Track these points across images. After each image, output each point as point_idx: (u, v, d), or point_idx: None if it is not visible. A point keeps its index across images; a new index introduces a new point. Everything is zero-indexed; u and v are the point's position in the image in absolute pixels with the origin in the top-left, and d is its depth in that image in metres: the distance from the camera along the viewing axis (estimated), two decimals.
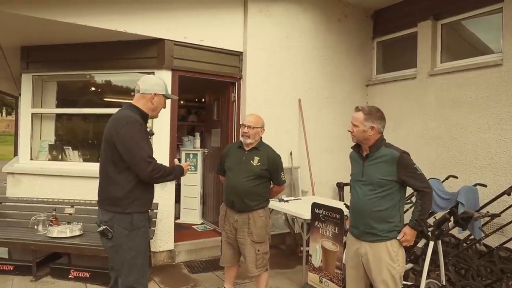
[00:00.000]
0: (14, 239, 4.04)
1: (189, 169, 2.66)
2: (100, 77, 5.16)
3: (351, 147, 2.74)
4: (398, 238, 2.45)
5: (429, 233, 3.42)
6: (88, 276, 3.87)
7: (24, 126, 5.07)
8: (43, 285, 3.77)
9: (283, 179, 3.25)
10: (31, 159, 5.02)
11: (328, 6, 5.74)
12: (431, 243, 3.29)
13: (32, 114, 5.07)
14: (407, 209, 4.33)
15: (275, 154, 3.23)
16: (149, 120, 2.68)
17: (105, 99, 5.24)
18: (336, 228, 3.45)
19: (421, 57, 5.39)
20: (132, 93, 2.59)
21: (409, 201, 4.29)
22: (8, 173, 4.99)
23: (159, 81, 2.55)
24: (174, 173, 2.51)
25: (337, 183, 5.70)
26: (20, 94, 9.00)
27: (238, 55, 5.09)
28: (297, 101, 5.46)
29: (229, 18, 4.97)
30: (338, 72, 5.91)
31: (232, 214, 3.20)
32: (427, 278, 3.41)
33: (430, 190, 2.45)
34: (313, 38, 5.61)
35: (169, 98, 2.64)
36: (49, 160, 5.03)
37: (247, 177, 3.11)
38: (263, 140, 3.33)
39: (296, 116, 5.46)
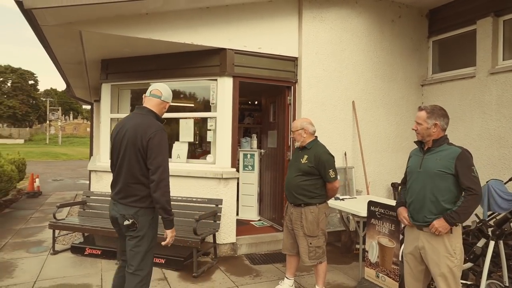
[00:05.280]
0: (99, 227, 4.66)
1: (172, 240, 2.68)
2: (168, 84, 5.65)
3: (415, 142, 2.84)
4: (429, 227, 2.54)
5: (490, 233, 3.44)
6: (163, 262, 4.36)
7: (105, 129, 5.75)
8: None
9: (331, 176, 3.37)
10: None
11: (381, 8, 5.82)
12: (492, 243, 3.31)
13: (111, 118, 5.73)
14: None
15: (322, 151, 3.40)
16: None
17: (173, 104, 5.73)
18: (393, 225, 3.57)
19: (480, 55, 5.27)
20: (144, 95, 2.79)
21: None
22: (91, 170, 5.72)
23: (171, 92, 2.81)
24: (172, 210, 2.57)
25: (392, 183, 5.75)
26: (94, 101, 10.07)
27: (294, 60, 5.36)
28: (351, 103, 5.60)
29: (285, 25, 5.26)
30: (392, 73, 5.95)
31: (290, 207, 3.55)
32: (489, 279, 3.43)
33: (479, 195, 2.46)
34: (366, 40, 5.73)
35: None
36: None
37: (296, 174, 3.44)
38: (320, 140, 3.57)
39: (350, 117, 5.61)
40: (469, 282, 3.61)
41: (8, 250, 5.04)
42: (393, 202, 4.03)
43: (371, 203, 3.86)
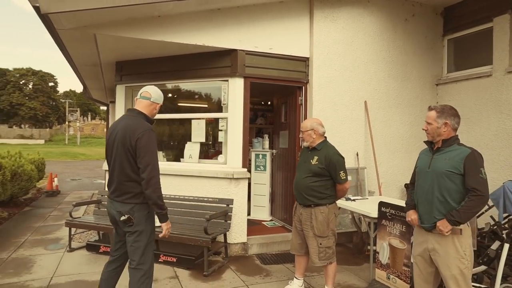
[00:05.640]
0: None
1: (168, 232, 2.82)
2: (181, 85, 5.76)
3: (424, 142, 2.82)
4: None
5: (504, 235, 3.36)
6: (175, 260, 4.43)
7: None
8: None
9: (342, 177, 3.36)
10: None
11: (395, 7, 5.75)
12: (506, 246, 3.24)
13: None
14: (482, 212, 4.23)
15: (332, 153, 3.38)
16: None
17: (185, 105, 5.84)
18: (404, 226, 3.54)
19: (497, 54, 5.15)
20: (135, 98, 2.89)
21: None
22: (106, 170, 5.83)
23: (162, 93, 2.92)
24: (164, 204, 2.67)
25: (405, 184, 5.67)
26: (110, 102, 10.29)
27: (305, 60, 5.35)
28: (363, 103, 5.55)
29: (296, 26, 5.26)
30: (406, 72, 5.87)
31: (299, 207, 3.55)
32: (504, 282, 3.36)
33: (485, 196, 2.40)
34: (379, 40, 5.67)
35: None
36: None
37: (306, 175, 3.42)
38: (330, 141, 3.55)
39: (362, 117, 5.56)
40: (483, 286, 3.54)
41: (27, 246, 5.22)
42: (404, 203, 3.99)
43: (382, 204, 3.83)
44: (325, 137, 3.54)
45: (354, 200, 4.58)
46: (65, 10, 3.64)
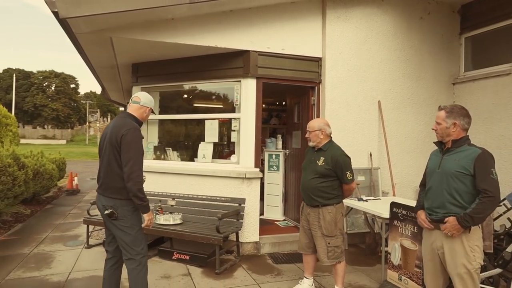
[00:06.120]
0: None
1: (150, 223, 2.98)
2: (194, 86, 5.85)
3: (434, 142, 2.79)
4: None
5: None
6: (188, 258, 4.51)
7: None
8: (154, 264, 4.52)
9: (349, 178, 3.37)
10: None
11: (409, 6, 5.68)
12: None
13: None
14: (500, 214, 4.13)
15: (338, 153, 3.40)
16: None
17: (198, 106, 5.93)
18: (415, 227, 3.50)
19: None
20: (127, 103, 3.04)
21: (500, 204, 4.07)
22: None
23: (152, 98, 3.13)
24: (145, 196, 2.81)
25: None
26: (127, 103, 10.51)
27: (317, 60, 5.35)
28: (377, 103, 5.50)
29: (308, 26, 5.26)
30: (421, 72, 5.78)
31: (306, 207, 3.57)
32: None
33: (496, 198, 2.36)
34: (393, 39, 5.61)
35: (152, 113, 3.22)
36: (154, 159, 5.89)
37: (313, 176, 3.44)
38: (342, 141, 3.55)
39: (376, 117, 5.51)
40: None
41: (48, 243, 5.41)
42: None
43: (393, 205, 3.80)
44: (331, 137, 3.55)
45: (366, 200, 4.55)
46: (83, 14, 3.77)
